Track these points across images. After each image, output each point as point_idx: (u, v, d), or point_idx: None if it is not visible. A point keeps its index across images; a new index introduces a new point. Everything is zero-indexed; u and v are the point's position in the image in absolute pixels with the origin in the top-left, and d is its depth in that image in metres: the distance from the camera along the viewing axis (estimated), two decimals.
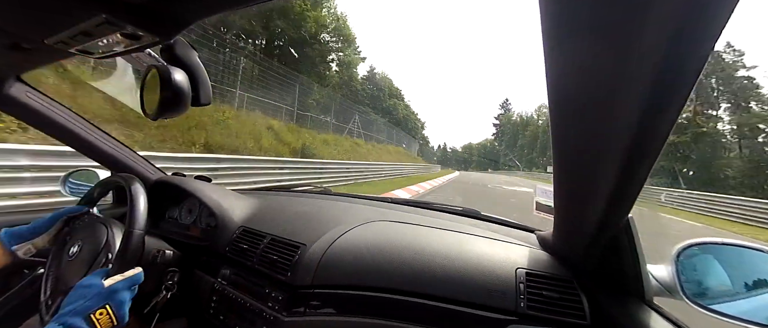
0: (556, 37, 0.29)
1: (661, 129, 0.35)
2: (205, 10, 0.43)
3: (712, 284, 0.60)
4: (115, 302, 0.68)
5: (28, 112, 0.96)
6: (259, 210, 1.18)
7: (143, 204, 0.85)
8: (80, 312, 0.64)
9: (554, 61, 0.32)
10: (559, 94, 0.36)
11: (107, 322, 0.66)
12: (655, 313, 0.58)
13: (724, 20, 0.24)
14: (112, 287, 0.70)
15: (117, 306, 0.68)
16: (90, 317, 0.64)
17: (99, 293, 0.67)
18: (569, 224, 0.69)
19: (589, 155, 0.44)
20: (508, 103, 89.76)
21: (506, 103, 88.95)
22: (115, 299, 0.69)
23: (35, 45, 0.54)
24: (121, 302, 0.70)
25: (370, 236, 0.93)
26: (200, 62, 0.56)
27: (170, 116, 0.56)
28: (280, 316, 0.82)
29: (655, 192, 16.24)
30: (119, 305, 0.69)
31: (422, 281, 0.77)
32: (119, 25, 0.41)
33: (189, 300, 1.02)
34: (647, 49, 0.27)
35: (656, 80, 0.29)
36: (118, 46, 0.47)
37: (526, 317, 0.68)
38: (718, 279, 0.60)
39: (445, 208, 1.22)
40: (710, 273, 0.60)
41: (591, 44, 0.28)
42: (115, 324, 0.68)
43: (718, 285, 0.60)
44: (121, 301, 0.70)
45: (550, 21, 0.28)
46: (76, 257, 0.82)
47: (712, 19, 0.24)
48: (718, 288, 0.59)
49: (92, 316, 0.64)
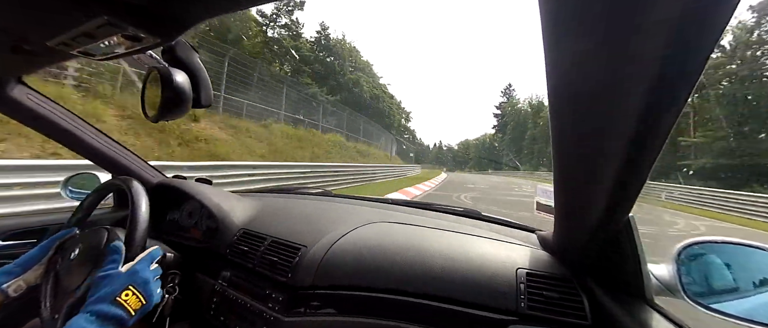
0: (555, 35, 0.30)
1: (662, 127, 0.35)
2: (206, 11, 0.43)
3: (713, 283, 0.60)
4: (138, 282, 0.68)
5: (29, 115, 0.97)
6: (260, 212, 1.18)
7: (145, 207, 0.85)
8: (106, 298, 0.63)
9: (554, 59, 0.32)
10: (559, 92, 0.36)
11: (136, 302, 0.66)
12: (655, 312, 0.58)
13: (727, 16, 0.24)
14: (133, 268, 0.70)
15: (141, 285, 0.68)
16: (116, 299, 0.64)
17: (119, 277, 0.67)
18: (570, 224, 0.69)
19: (590, 154, 0.44)
20: (511, 89, 73.13)
21: (509, 90, 72.41)
22: (138, 279, 0.69)
23: (37, 47, 0.55)
24: (144, 280, 0.69)
25: (370, 237, 0.93)
26: (201, 64, 0.57)
27: (171, 118, 0.56)
28: (281, 316, 0.82)
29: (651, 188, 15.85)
30: (143, 284, 0.69)
31: (423, 281, 0.77)
32: (121, 26, 0.41)
33: (190, 302, 1.01)
34: (648, 47, 0.27)
35: (657, 78, 0.29)
36: (120, 47, 0.48)
37: (527, 317, 0.68)
38: (719, 278, 0.60)
39: (446, 209, 1.22)
40: (711, 272, 0.60)
41: (591, 42, 0.29)
42: (144, 303, 0.67)
43: (719, 284, 0.60)
44: (144, 279, 0.69)
45: (550, 19, 0.28)
46: (77, 261, 0.81)
47: (715, 14, 0.24)
48: (719, 287, 0.59)
49: (118, 299, 0.64)
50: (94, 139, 1.14)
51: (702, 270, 0.60)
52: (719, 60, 21.26)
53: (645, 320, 0.56)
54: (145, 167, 1.32)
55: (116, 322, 0.62)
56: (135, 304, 0.66)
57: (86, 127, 1.12)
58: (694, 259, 0.61)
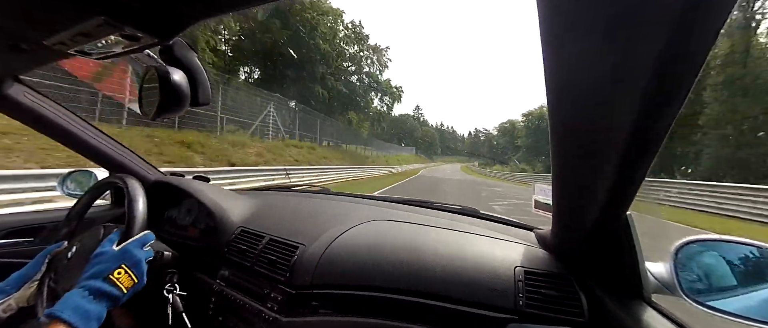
0: (554, 34, 0.30)
1: (660, 126, 0.35)
2: (205, 11, 0.43)
3: (710, 280, 0.60)
4: (129, 262, 0.71)
5: (27, 113, 0.96)
6: (258, 210, 1.18)
7: (142, 205, 0.85)
8: (99, 275, 0.67)
9: (552, 58, 0.32)
10: (557, 90, 0.36)
11: (128, 280, 0.69)
12: (653, 310, 0.59)
13: (722, 18, 0.24)
14: (124, 247, 0.73)
15: (133, 265, 0.71)
16: (109, 277, 0.67)
17: (113, 256, 0.71)
18: (568, 222, 0.69)
19: (588, 152, 0.44)
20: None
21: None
22: (130, 259, 0.72)
23: (34, 46, 0.54)
24: (136, 260, 0.72)
25: (369, 236, 0.93)
26: (199, 63, 0.56)
27: (169, 117, 0.56)
28: (279, 316, 0.82)
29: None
30: (135, 264, 0.72)
31: (421, 280, 0.77)
32: (118, 26, 0.41)
33: (188, 301, 1.01)
34: (646, 47, 0.27)
35: (655, 77, 0.29)
36: (117, 47, 0.48)
37: (526, 315, 0.68)
38: (717, 276, 0.60)
39: (444, 207, 1.22)
40: (708, 270, 0.60)
41: (590, 41, 0.29)
42: (136, 282, 0.71)
43: (716, 282, 0.60)
44: (136, 260, 0.73)
45: (548, 18, 0.28)
46: (74, 258, 0.81)
47: (710, 17, 0.24)
48: (716, 285, 0.59)
49: (111, 277, 0.67)
50: (91, 136, 1.14)
51: (699, 268, 0.60)
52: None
53: (642, 318, 0.56)
54: (142, 164, 1.32)
55: (110, 299, 0.65)
56: (127, 282, 0.69)
57: (83, 125, 1.11)
58: (692, 257, 0.61)
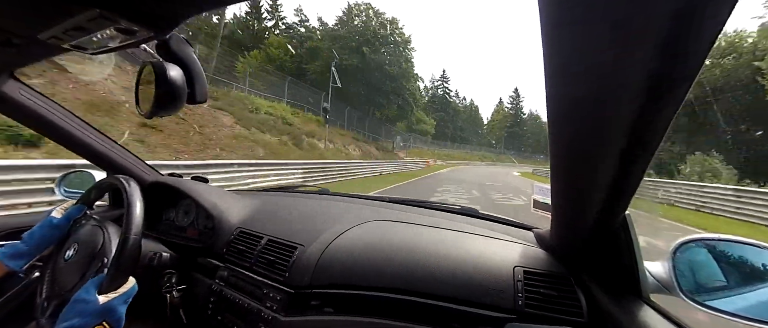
0: (553, 32, 0.29)
1: (658, 125, 0.35)
2: (201, 5, 0.42)
3: (708, 280, 0.60)
4: (112, 319, 0.68)
5: (22, 111, 0.95)
6: (257, 211, 1.17)
7: (140, 207, 0.84)
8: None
9: (552, 56, 0.32)
10: (556, 89, 0.36)
11: None
12: (651, 310, 0.58)
13: (724, 15, 0.24)
14: (108, 304, 0.69)
15: (114, 323, 0.69)
16: None
17: (95, 311, 0.67)
18: (567, 222, 0.69)
19: (587, 152, 0.44)
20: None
21: None
22: (112, 316, 0.69)
23: (28, 40, 0.54)
24: (118, 318, 0.70)
25: (367, 236, 0.92)
26: (196, 58, 0.56)
27: (165, 114, 0.55)
28: (278, 316, 0.81)
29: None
30: (117, 322, 0.69)
31: (420, 280, 0.77)
32: (113, 19, 0.40)
33: (187, 302, 1.01)
34: (646, 45, 0.27)
35: (654, 76, 0.29)
36: (113, 41, 0.47)
37: (525, 315, 0.68)
38: (715, 275, 0.60)
39: (443, 207, 1.22)
40: (707, 269, 0.60)
41: (589, 39, 0.28)
42: None
43: (714, 281, 0.60)
44: (117, 318, 0.70)
45: (548, 15, 0.28)
46: (72, 261, 0.80)
47: (712, 14, 0.24)
48: (714, 284, 0.60)
49: None
50: (88, 136, 1.13)
51: (697, 267, 0.60)
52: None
53: (641, 317, 0.56)
54: (140, 164, 1.31)
55: None
56: None
57: (81, 124, 1.10)
58: (690, 256, 0.61)
